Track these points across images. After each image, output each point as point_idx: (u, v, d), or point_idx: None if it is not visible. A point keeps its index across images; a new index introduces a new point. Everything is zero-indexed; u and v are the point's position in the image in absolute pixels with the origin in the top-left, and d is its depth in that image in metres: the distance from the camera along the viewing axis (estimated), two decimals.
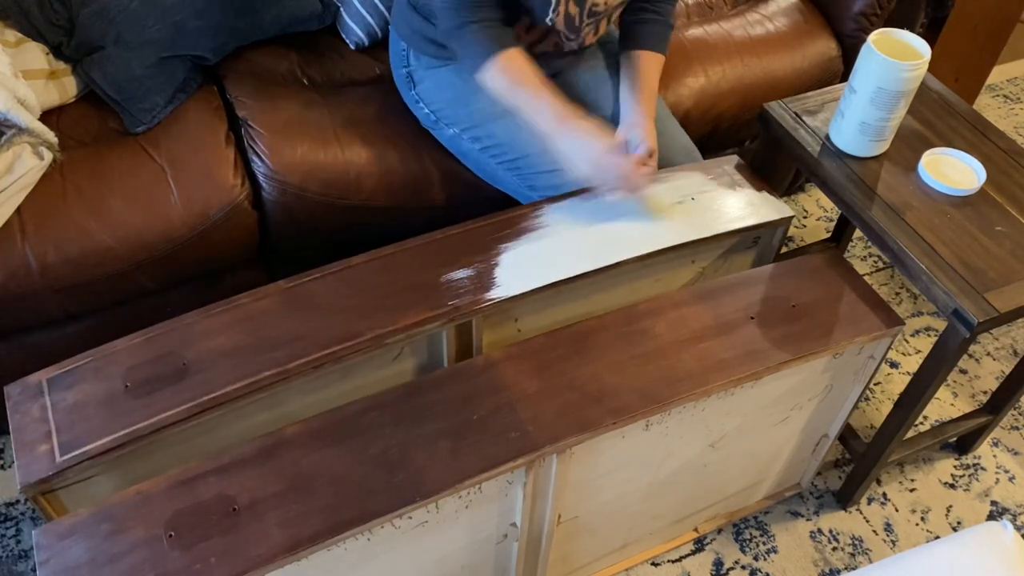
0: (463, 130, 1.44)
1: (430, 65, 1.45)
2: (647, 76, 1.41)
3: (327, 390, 1.17)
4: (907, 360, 1.80)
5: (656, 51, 1.42)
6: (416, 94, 1.48)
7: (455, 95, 1.44)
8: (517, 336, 1.29)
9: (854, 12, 1.78)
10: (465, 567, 1.19)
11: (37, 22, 1.49)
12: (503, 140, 1.41)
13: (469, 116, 1.43)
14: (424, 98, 1.47)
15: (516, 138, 1.40)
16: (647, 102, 1.39)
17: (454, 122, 1.45)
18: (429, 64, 1.45)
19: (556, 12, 1.31)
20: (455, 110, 1.44)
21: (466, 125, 1.44)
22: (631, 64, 1.42)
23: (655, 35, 1.43)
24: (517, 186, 1.43)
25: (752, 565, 1.47)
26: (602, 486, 1.20)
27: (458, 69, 1.43)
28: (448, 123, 1.46)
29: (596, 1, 1.33)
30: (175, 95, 1.49)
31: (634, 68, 1.41)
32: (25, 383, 1.07)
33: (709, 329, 1.18)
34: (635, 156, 1.35)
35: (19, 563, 1.43)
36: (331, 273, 1.21)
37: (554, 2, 1.30)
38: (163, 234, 1.37)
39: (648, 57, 1.42)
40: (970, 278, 1.20)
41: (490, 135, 1.42)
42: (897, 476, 1.61)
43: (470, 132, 1.44)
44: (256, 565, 0.92)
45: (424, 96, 1.47)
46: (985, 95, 2.50)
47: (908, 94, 1.28)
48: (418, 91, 1.47)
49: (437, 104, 1.46)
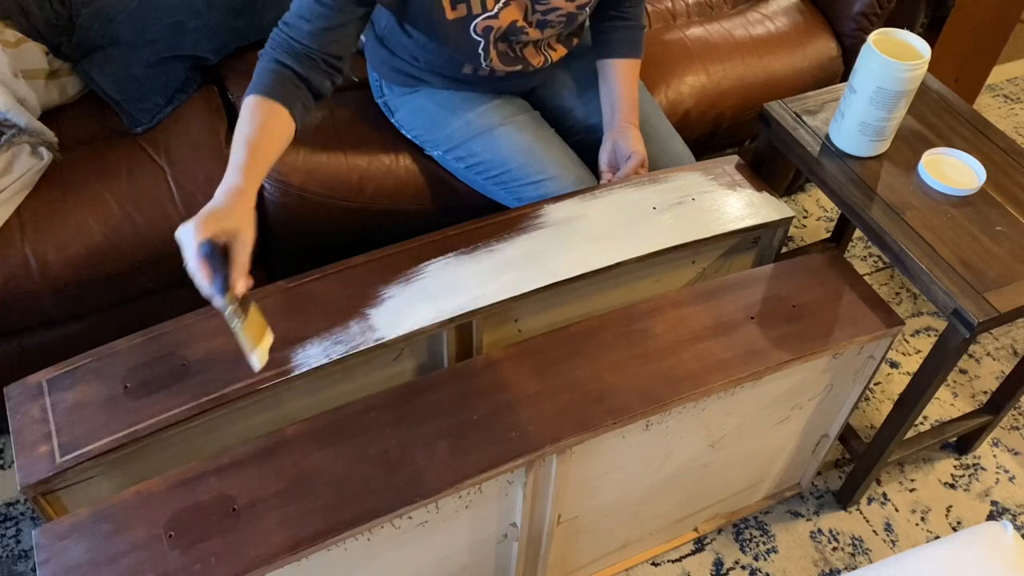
0: (446, 151, 1.45)
1: (402, 93, 1.47)
2: (625, 84, 1.41)
3: (327, 390, 1.17)
4: (907, 360, 1.80)
5: (630, 57, 1.42)
6: (396, 122, 1.50)
7: (430, 119, 1.44)
8: (517, 336, 1.29)
9: (854, 12, 1.78)
10: (465, 567, 1.19)
11: (37, 22, 1.49)
12: (485, 157, 1.41)
13: (448, 138, 1.43)
14: (404, 125, 1.49)
15: (497, 154, 1.40)
16: (630, 110, 1.39)
17: (435, 145, 1.46)
18: (401, 92, 1.47)
19: (488, 59, 1.32)
20: (433, 133, 1.45)
21: (447, 147, 1.45)
22: (607, 74, 1.42)
23: (627, 41, 1.43)
24: (506, 199, 1.44)
25: (752, 565, 1.47)
26: (602, 486, 1.20)
27: (430, 93, 1.44)
28: (430, 146, 1.47)
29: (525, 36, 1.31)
30: (175, 95, 1.49)
31: (611, 78, 1.42)
32: (25, 383, 1.07)
33: (709, 329, 1.18)
34: (628, 166, 1.35)
35: (19, 563, 1.43)
36: (331, 273, 1.21)
37: (483, 54, 1.30)
38: (163, 234, 1.37)
39: (623, 65, 1.42)
40: (970, 278, 1.20)
41: (472, 153, 1.42)
42: (897, 476, 1.61)
43: (452, 152, 1.45)
44: (256, 565, 0.92)
45: (403, 123, 1.49)
46: (985, 95, 2.50)
47: (908, 94, 1.28)
48: (397, 119, 1.49)
49: (416, 130, 1.47)
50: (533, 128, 1.43)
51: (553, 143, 1.43)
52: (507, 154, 1.39)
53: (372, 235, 1.51)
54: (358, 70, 1.63)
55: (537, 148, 1.40)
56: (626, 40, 1.42)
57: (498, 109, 1.43)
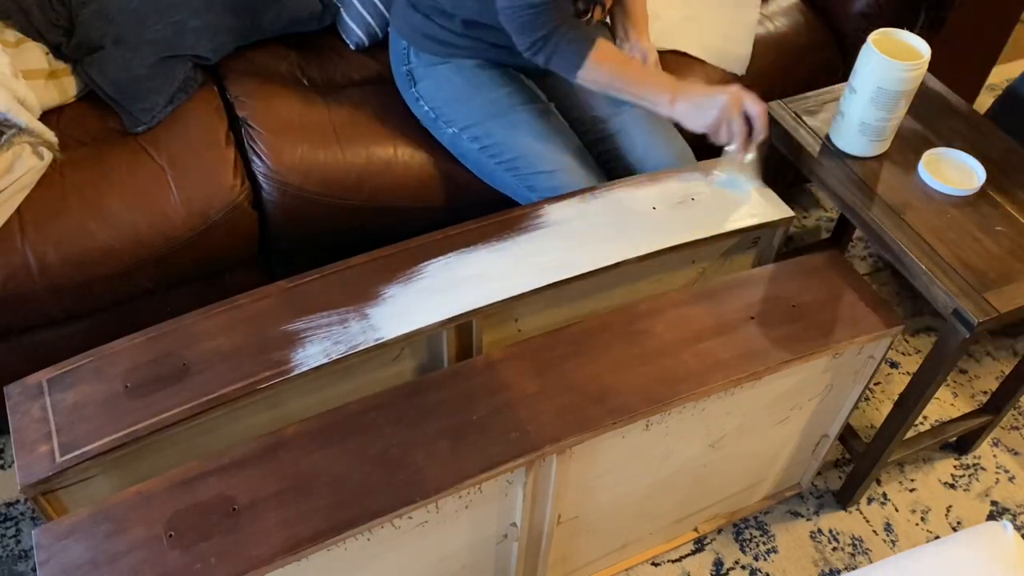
0: (462, 129, 1.44)
1: (430, 63, 1.45)
2: (634, 6, 1.45)
3: (327, 390, 1.17)
4: (907, 360, 1.80)
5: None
6: (416, 92, 1.48)
7: (454, 93, 1.44)
8: (517, 336, 1.29)
9: (854, 12, 1.78)
10: (465, 567, 1.19)
11: (37, 22, 1.49)
12: (501, 139, 1.41)
13: (468, 114, 1.43)
14: (424, 96, 1.47)
15: (514, 137, 1.40)
16: (643, 32, 1.45)
17: (453, 120, 1.45)
18: (429, 61, 1.46)
19: None
20: (454, 108, 1.44)
21: (465, 123, 1.44)
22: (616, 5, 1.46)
23: None
24: (516, 187, 1.43)
25: (752, 565, 1.47)
26: (602, 486, 1.20)
27: (458, 66, 1.44)
28: (447, 121, 1.46)
29: None
30: (175, 95, 1.49)
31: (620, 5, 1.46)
32: (25, 383, 1.07)
33: (709, 329, 1.18)
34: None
35: (19, 563, 1.43)
36: (331, 273, 1.21)
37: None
38: (163, 234, 1.37)
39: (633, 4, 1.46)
40: (970, 278, 1.20)
41: (488, 134, 1.42)
42: (897, 476, 1.61)
43: (469, 131, 1.44)
44: (256, 565, 0.92)
45: (424, 94, 1.47)
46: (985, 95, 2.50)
47: (908, 94, 1.28)
48: (418, 89, 1.48)
49: (437, 102, 1.46)
50: (548, 117, 1.44)
51: (566, 134, 1.44)
52: (523, 139, 1.40)
53: (371, 234, 1.51)
54: (357, 69, 1.63)
55: (552, 137, 1.40)
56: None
57: (520, 93, 1.44)
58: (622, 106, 1.47)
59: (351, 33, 1.64)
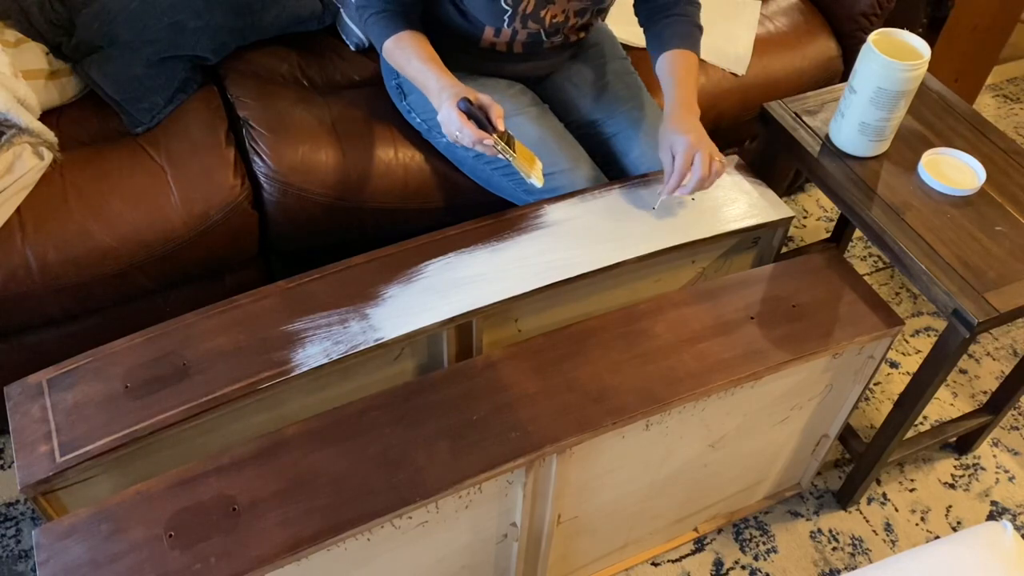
0: None
1: None
2: (676, 72, 1.35)
3: (327, 390, 1.17)
4: (907, 360, 1.80)
5: (682, 48, 1.37)
6: (407, 104, 1.49)
7: None
8: (517, 336, 1.29)
9: (854, 12, 1.78)
10: (465, 567, 1.19)
11: (37, 22, 1.49)
12: None
13: None
14: (415, 108, 1.48)
15: None
16: (684, 99, 1.33)
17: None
18: None
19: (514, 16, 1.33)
20: None
21: None
22: (663, 68, 1.37)
23: (678, 34, 1.38)
24: (513, 191, 1.43)
25: (752, 565, 1.47)
26: (602, 486, 1.20)
27: None
28: (440, 132, 1.45)
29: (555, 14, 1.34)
30: (175, 95, 1.49)
31: (665, 69, 1.37)
32: (25, 383, 1.07)
33: (709, 329, 1.18)
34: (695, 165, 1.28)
35: (19, 563, 1.43)
36: (331, 273, 1.21)
37: (506, 19, 1.31)
38: (163, 234, 1.37)
39: (673, 55, 1.36)
40: (970, 278, 1.20)
41: None
42: (897, 476, 1.61)
43: None
44: (256, 565, 0.92)
45: (415, 106, 1.47)
46: (985, 95, 2.50)
47: (908, 94, 1.28)
48: (409, 102, 1.48)
49: (428, 113, 1.46)
50: (545, 121, 1.43)
51: (564, 137, 1.43)
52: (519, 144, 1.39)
53: (371, 234, 1.51)
54: (357, 69, 1.63)
55: (550, 140, 1.40)
56: (678, 33, 1.38)
57: (512, 99, 1.43)
58: (618, 109, 1.47)
59: (351, 34, 1.64)
